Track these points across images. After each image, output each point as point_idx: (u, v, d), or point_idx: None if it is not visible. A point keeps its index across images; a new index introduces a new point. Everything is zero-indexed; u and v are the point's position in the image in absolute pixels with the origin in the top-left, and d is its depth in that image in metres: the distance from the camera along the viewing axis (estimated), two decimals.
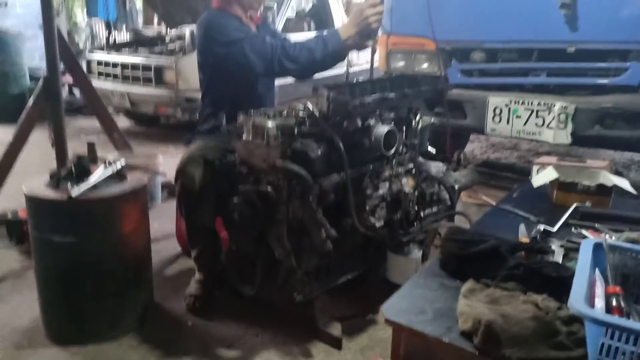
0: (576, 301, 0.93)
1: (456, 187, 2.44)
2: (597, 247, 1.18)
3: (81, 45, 8.77)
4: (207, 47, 2.18)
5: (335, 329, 1.89)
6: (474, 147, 4.79)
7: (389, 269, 2.07)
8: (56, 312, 1.91)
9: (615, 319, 0.95)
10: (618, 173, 3.25)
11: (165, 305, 2.14)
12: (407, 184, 2.13)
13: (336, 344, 1.85)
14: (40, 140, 3.02)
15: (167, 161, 3.15)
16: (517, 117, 3.13)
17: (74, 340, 1.87)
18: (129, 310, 1.94)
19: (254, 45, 2.09)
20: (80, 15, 9.43)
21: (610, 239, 1.23)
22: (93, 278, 1.85)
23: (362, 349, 1.85)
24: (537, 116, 3.07)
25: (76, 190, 1.77)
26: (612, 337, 0.91)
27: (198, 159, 2.01)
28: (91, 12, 8.56)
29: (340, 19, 5.99)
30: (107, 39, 7.71)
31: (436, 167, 2.41)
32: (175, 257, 2.59)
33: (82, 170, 1.95)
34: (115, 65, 5.07)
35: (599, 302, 1.04)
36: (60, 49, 2.62)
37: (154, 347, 1.86)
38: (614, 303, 1.04)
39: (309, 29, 5.76)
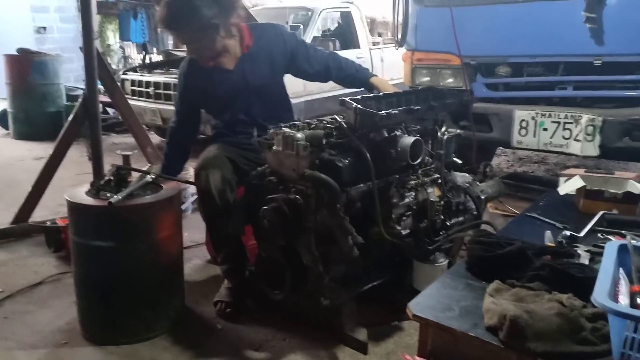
0: (600, 296, 0.95)
1: (482, 197, 2.46)
2: (622, 248, 1.20)
3: (114, 67, 9.12)
4: None
5: (362, 334, 1.92)
6: (501, 161, 4.78)
7: (415, 277, 2.09)
8: (93, 314, 2.00)
9: (638, 312, 0.97)
10: None
11: (196, 309, 2.20)
12: (433, 193, 2.17)
13: (362, 348, 1.88)
14: (74, 157, 3.16)
15: None
16: (543, 129, 3.14)
17: (110, 341, 1.95)
18: (162, 313, 2.02)
19: None
20: (113, 39, 9.85)
21: (635, 241, 1.24)
22: (129, 281, 1.93)
23: (388, 354, 1.87)
24: (564, 129, 3.07)
25: (115, 197, 1.86)
26: (635, 331, 0.92)
27: (212, 161, 2.09)
28: (123, 36, 8.94)
29: (365, 38, 6.11)
30: (143, 59, 7.99)
31: (462, 178, 2.44)
32: (205, 265, 2.66)
33: (120, 180, 2.06)
34: (148, 84, 5.27)
35: (623, 300, 1.05)
36: (99, 69, 2.75)
37: (185, 348, 1.92)
38: (639, 300, 1.05)
39: (334, 49, 5.87)
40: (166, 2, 2.03)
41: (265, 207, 1.92)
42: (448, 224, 2.22)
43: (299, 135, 1.88)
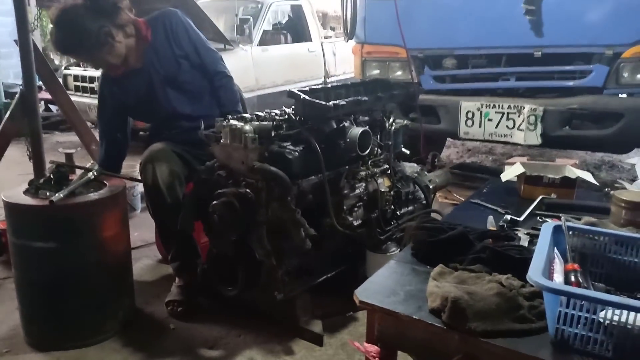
0: (534, 274, 1.00)
1: (431, 186, 2.52)
2: (557, 229, 1.25)
3: (56, 62, 8.73)
4: None
5: (317, 326, 1.94)
6: (450, 152, 4.91)
7: (369, 267, 2.12)
8: (37, 319, 1.92)
9: (570, 287, 1.02)
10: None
11: (148, 310, 2.15)
12: (383, 183, 2.20)
13: (317, 340, 1.89)
14: (16, 157, 3.02)
15: None
16: (488, 120, 3.24)
17: (56, 346, 1.88)
18: (111, 315, 1.96)
19: None
20: None
21: (570, 222, 1.30)
22: (74, 283, 1.86)
23: (343, 344, 1.89)
24: (507, 119, 3.18)
25: (56, 196, 1.79)
26: (568, 306, 0.97)
27: (159, 154, 2.07)
28: None
29: (316, 31, 6.11)
30: None
31: (411, 168, 2.49)
32: (156, 265, 2.60)
33: (61, 178, 1.98)
34: (92, 79, 5.08)
35: (558, 278, 1.10)
36: (37, 63, 2.63)
37: (136, 349, 1.88)
38: (573, 278, 1.10)
39: (286, 42, 5.85)
40: (53, 29, 2.03)
41: (215, 202, 1.90)
42: (398, 213, 2.27)
43: (247, 127, 1.86)
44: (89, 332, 1.91)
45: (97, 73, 5.03)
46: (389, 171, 2.27)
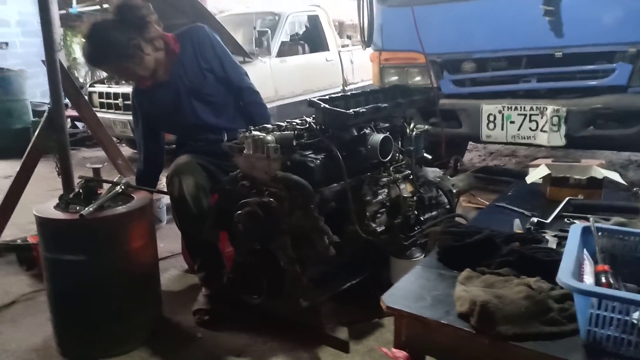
0: (564, 276, 0.98)
1: (454, 191, 2.50)
2: (586, 230, 1.24)
3: (81, 80, 8.96)
4: None
5: (342, 333, 1.93)
6: (473, 156, 4.86)
7: (393, 273, 2.11)
8: (68, 329, 1.96)
9: (601, 289, 1.00)
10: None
11: (175, 319, 2.18)
12: (406, 189, 2.19)
13: (344, 347, 1.89)
14: (44, 173, 3.10)
15: None
16: (511, 122, 3.21)
17: (87, 356, 1.92)
18: (139, 325, 1.99)
19: None
20: (78, 52, 9.66)
21: (598, 223, 1.28)
22: (103, 294, 1.90)
23: (370, 351, 1.88)
24: (530, 120, 3.15)
25: (86, 210, 1.83)
26: (599, 307, 0.96)
27: (185, 167, 2.11)
28: None
29: (333, 40, 6.15)
30: None
31: (433, 173, 2.48)
32: (183, 275, 2.64)
33: (89, 192, 2.03)
34: (116, 96, 5.20)
35: (588, 279, 1.09)
36: (63, 82, 2.70)
37: (164, 358, 1.91)
38: (603, 280, 1.09)
39: (304, 52, 5.90)
40: (84, 43, 2.10)
41: (239, 212, 1.91)
42: (422, 218, 2.25)
43: (269, 137, 1.88)
44: (118, 342, 1.94)
45: (122, 89, 5.19)
46: (411, 176, 2.26)
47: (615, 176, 1.95)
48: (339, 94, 2.29)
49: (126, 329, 1.96)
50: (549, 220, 1.68)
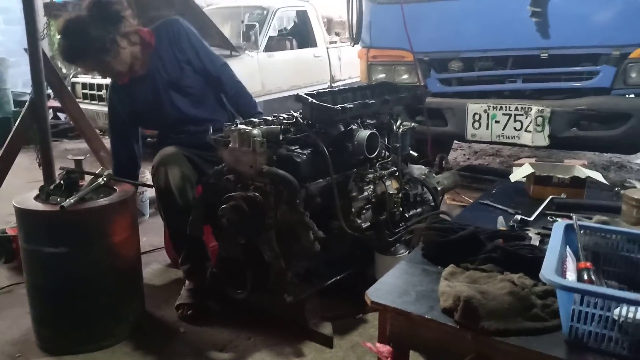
0: (547, 272, 0.99)
1: (439, 188, 2.51)
2: (569, 228, 1.25)
3: (64, 70, 8.80)
4: None
5: (326, 329, 1.93)
6: (457, 155, 4.90)
7: (377, 269, 2.11)
8: (48, 323, 1.93)
9: (583, 285, 1.01)
10: None
11: (158, 314, 2.16)
12: (391, 186, 2.20)
13: (327, 342, 1.89)
14: (25, 164, 3.04)
15: None
16: (496, 122, 3.23)
17: (67, 350, 1.89)
18: (121, 319, 1.97)
19: None
20: None
21: (581, 221, 1.30)
22: (84, 288, 1.87)
23: (353, 346, 1.89)
24: (515, 120, 3.17)
25: (67, 201, 1.80)
26: (581, 304, 0.97)
27: (171, 158, 2.09)
28: None
29: (321, 36, 6.13)
30: None
31: (419, 170, 2.49)
32: (165, 269, 2.61)
33: (71, 184, 1.99)
34: (100, 87, 5.12)
35: (571, 276, 1.10)
36: (46, 72, 2.65)
37: (146, 353, 1.88)
38: (585, 277, 1.10)
39: (292, 47, 5.87)
40: (60, 40, 2.07)
41: (224, 206, 1.90)
42: (407, 215, 2.26)
43: (255, 131, 1.87)
44: (100, 336, 1.92)
45: (105, 81, 5.11)
46: (397, 173, 2.27)
47: (597, 176, 1.97)
48: (327, 90, 2.28)
49: (108, 323, 1.93)
50: (532, 218, 1.70)
